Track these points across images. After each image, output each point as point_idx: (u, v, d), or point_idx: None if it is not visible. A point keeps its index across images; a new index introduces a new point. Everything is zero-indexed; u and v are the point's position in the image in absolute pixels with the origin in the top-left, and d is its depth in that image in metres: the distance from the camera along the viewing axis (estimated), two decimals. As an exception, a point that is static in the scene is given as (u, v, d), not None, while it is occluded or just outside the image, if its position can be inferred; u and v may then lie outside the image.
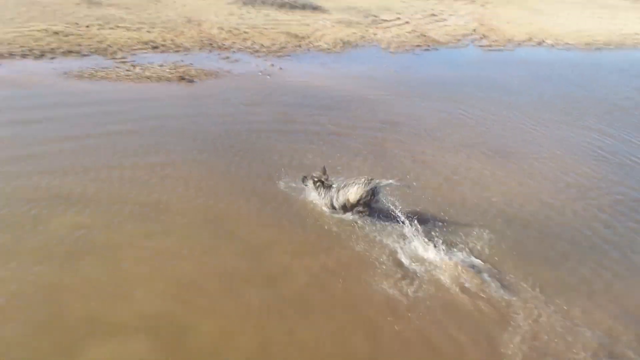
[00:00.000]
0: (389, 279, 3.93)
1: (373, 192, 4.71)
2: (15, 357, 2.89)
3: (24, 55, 10.78)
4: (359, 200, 4.67)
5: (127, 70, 9.87)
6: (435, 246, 4.31)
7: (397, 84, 10.35)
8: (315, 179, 4.93)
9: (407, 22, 21.38)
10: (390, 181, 4.84)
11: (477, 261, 4.23)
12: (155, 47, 12.57)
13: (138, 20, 16.78)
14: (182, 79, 9.47)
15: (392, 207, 4.67)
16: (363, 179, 4.75)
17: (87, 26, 14.86)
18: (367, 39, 16.24)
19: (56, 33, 13.20)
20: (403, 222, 4.54)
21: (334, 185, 4.85)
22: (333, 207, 4.80)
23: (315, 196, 4.94)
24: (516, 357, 3.34)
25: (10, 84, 8.52)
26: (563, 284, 4.11)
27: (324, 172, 4.97)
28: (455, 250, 4.39)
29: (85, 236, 4.08)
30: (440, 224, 4.81)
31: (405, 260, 4.14)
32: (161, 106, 7.61)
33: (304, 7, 23.34)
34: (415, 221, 4.58)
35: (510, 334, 3.51)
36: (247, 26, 16.79)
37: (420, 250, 4.27)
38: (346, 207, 4.72)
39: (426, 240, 4.38)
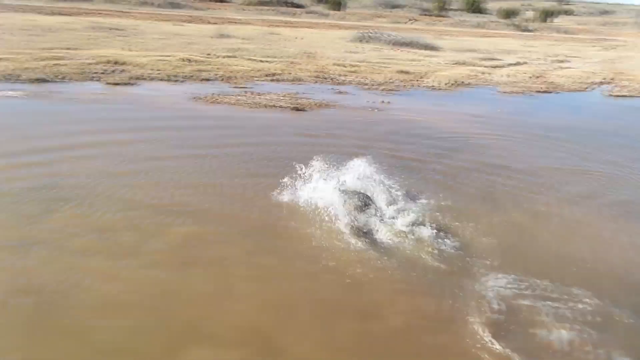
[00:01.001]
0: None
1: None
2: (121, 353, 3.16)
3: (160, 79, 12.32)
4: None
5: (245, 97, 10.78)
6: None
7: (509, 126, 9.92)
8: None
9: (525, 63, 20.54)
10: None
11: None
12: (272, 78, 13.57)
13: (262, 53, 18.26)
14: (293, 108, 10.09)
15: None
16: None
17: (217, 56, 16.51)
18: (480, 78, 15.91)
19: (190, 61, 14.88)
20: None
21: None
22: None
23: None
24: None
25: (143, 102, 9.78)
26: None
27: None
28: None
29: (198, 248, 4.38)
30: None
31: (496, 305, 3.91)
32: (272, 132, 8.14)
33: (417, 45, 23.59)
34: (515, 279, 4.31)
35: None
36: (359, 61, 17.43)
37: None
38: None
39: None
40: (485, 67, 18.69)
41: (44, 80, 11.16)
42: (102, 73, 12.36)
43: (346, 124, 9.23)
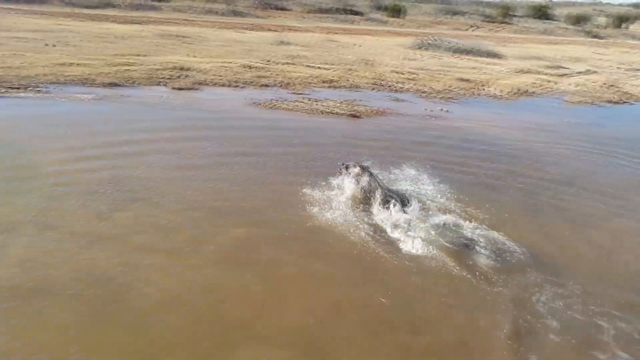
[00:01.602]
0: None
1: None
2: (176, 347, 3.27)
3: (222, 84, 12.74)
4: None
5: (302, 103, 10.92)
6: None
7: (574, 137, 9.41)
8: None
9: (595, 72, 19.45)
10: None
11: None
12: (330, 85, 13.67)
13: (320, 59, 18.45)
14: (349, 114, 10.11)
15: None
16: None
17: (276, 63, 16.85)
18: (545, 87, 15.24)
19: (250, 67, 15.29)
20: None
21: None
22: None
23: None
24: None
25: (205, 105, 10.14)
26: None
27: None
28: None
29: (252, 249, 4.47)
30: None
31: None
32: (326, 136, 8.18)
33: (479, 52, 22.95)
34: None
35: None
36: (418, 69, 17.20)
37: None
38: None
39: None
40: (551, 75, 17.88)
41: (115, 85, 11.86)
42: (169, 78, 12.97)
43: (400, 131, 9.10)
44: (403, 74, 16.00)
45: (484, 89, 14.23)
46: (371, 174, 5.59)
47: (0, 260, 4.00)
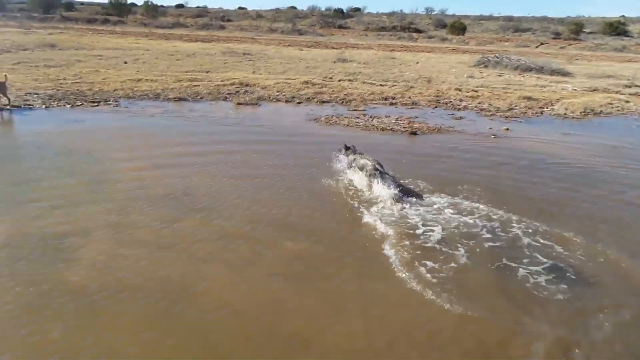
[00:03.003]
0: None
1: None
2: (232, 355, 3.34)
3: (283, 101, 13.10)
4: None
5: (360, 120, 11.01)
6: None
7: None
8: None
9: (677, 92, 18.11)
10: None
11: None
12: (388, 101, 13.68)
13: (379, 76, 18.54)
14: (407, 131, 10.06)
15: None
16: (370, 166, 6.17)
17: (336, 80, 17.11)
18: (618, 107, 14.39)
19: (310, 84, 15.61)
20: None
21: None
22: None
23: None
24: None
25: (266, 120, 10.47)
26: None
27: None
28: None
29: (310, 264, 4.51)
30: None
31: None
32: (381, 151, 8.14)
33: (545, 70, 22.11)
34: None
35: None
36: (480, 86, 16.84)
37: None
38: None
39: None
40: (626, 95, 16.86)
41: (183, 99, 12.54)
42: (233, 94, 13.54)
43: (458, 149, 8.88)
44: (464, 91, 15.71)
45: (550, 108, 13.66)
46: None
47: (74, 263, 4.30)
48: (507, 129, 10.86)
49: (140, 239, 4.78)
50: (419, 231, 5.15)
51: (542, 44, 48.45)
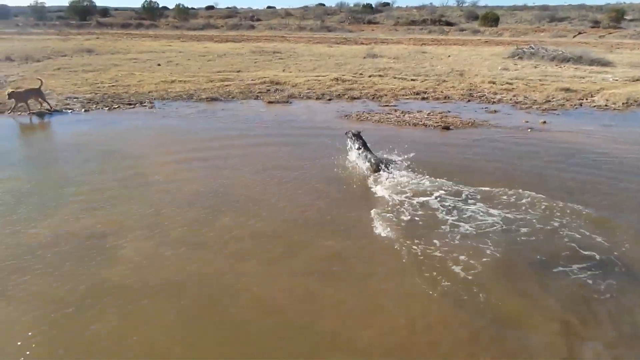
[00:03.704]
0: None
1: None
2: (268, 352, 3.36)
3: (313, 98, 13.11)
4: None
5: (392, 115, 10.89)
6: None
7: None
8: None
9: None
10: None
11: None
12: (420, 96, 13.49)
13: (410, 71, 18.31)
14: (439, 126, 9.89)
15: None
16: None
17: (366, 76, 16.99)
18: (664, 97, 13.70)
19: (340, 80, 15.57)
20: None
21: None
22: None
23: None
24: None
25: (297, 118, 10.49)
26: None
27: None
28: None
29: (344, 262, 4.48)
30: None
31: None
32: (413, 149, 8.04)
33: (584, 60, 21.32)
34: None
35: None
36: (515, 79, 16.39)
37: None
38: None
39: None
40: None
41: (215, 99, 12.72)
42: (264, 92, 13.65)
43: (491, 144, 8.66)
44: (498, 84, 15.32)
45: (590, 99, 13.16)
46: None
47: (112, 262, 4.42)
48: (544, 121, 10.53)
49: (177, 238, 4.87)
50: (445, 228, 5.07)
51: (579, 33, 46.73)
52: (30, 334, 3.43)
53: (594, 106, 12.46)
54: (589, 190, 6.29)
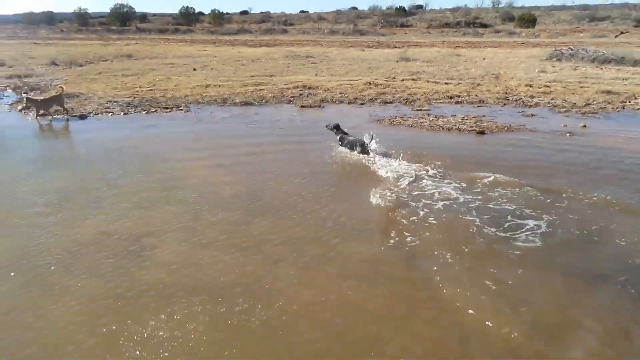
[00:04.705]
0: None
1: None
2: (305, 355, 3.38)
3: (345, 102, 13.13)
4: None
5: (424, 119, 10.80)
6: None
7: None
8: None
9: None
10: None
11: None
12: (454, 100, 13.31)
13: (443, 75, 18.10)
14: (474, 131, 9.74)
15: None
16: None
17: (399, 79, 16.90)
18: None
19: (373, 84, 15.55)
20: None
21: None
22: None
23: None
24: None
25: (326, 121, 10.51)
26: None
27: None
28: None
29: (380, 267, 4.48)
30: None
31: None
32: (447, 154, 7.93)
33: (627, 61, 20.55)
34: None
35: None
36: (553, 81, 15.96)
37: None
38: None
39: None
40: None
41: (249, 103, 12.94)
42: (296, 97, 13.77)
43: (528, 149, 8.46)
44: (535, 87, 14.95)
45: (633, 102, 12.67)
46: None
47: (151, 263, 4.55)
48: (584, 125, 10.21)
49: (212, 240, 4.97)
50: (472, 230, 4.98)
51: (622, 32, 45.02)
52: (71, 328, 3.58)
53: (638, 109, 11.99)
54: None
